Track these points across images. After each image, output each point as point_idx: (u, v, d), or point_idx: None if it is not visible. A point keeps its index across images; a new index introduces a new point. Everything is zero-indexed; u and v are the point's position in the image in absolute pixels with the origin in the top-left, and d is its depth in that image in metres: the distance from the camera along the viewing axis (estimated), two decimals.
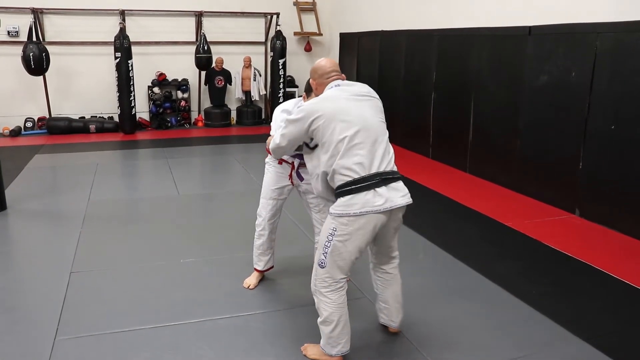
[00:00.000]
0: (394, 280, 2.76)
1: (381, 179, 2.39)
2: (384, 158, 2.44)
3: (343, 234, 2.39)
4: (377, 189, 2.37)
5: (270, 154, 2.94)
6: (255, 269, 3.48)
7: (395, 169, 2.48)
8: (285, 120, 2.63)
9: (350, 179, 2.37)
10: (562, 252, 4.05)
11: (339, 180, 2.40)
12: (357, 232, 2.38)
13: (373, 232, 2.43)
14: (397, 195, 2.43)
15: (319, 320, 2.55)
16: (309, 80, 2.97)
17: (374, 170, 2.38)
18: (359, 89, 2.60)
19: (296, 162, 3.17)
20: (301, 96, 3.13)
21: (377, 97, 2.64)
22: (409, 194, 2.49)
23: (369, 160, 2.39)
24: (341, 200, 2.38)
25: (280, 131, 2.64)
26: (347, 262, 2.45)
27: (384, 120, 2.57)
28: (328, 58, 2.76)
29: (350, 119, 2.42)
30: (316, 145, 2.53)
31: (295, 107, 3.09)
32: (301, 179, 3.29)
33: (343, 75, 2.68)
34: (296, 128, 2.51)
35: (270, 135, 3.01)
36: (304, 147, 2.69)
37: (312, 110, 2.46)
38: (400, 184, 2.47)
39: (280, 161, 3.17)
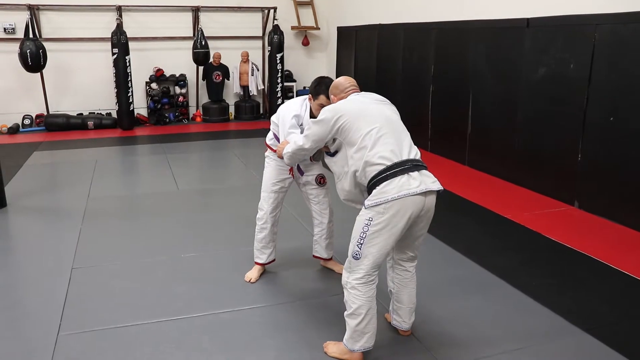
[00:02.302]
0: (412, 280, 2.74)
1: (413, 165, 2.44)
2: (412, 149, 2.51)
3: (379, 222, 2.38)
4: (410, 173, 2.41)
5: (282, 158, 2.95)
6: (257, 263, 3.49)
7: (417, 156, 2.52)
8: (308, 122, 2.71)
9: (383, 166, 2.40)
10: (562, 243, 4.07)
11: (372, 171, 2.42)
12: (394, 220, 2.38)
13: (408, 220, 2.41)
14: (429, 180, 2.47)
15: (346, 313, 2.54)
16: (313, 83, 3.03)
17: (405, 157, 2.44)
18: (377, 96, 2.73)
19: None
20: (307, 96, 3.13)
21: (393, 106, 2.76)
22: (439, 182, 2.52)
23: (399, 148, 2.46)
24: (376, 190, 2.40)
25: (304, 134, 2.71)
26: (383, 253, 2.44)
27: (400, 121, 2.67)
28: (345, 76, 2.85)
29: (373, 115, 2.53)
30: (336, 152, 2.62)
31: (302, 108, 3.09)
32: (302, 173, 3.30)
33: (359, 91, 2.79)
34: (321, 128, 2.58)
35: (284, 141, 3.03)
36: (325, 155, 2.76)
37: (336, 110, 2.56)
38: (429, 173, 2.52)
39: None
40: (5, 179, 5.26)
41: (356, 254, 2.45)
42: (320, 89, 2.96)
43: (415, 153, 2.51)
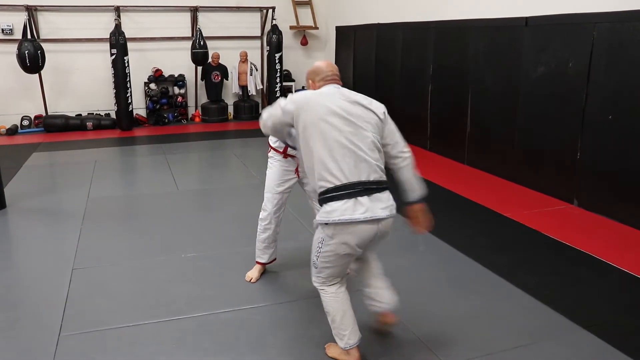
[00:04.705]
0: (370, 259, 2.66)
1: (364, 188, 2.30)
2: (367, 170, 2.32)
3: (329, 245, 2.38)
4: (359, 198, 2.29)
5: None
6: (258, 262, 3.49)
7: (370, 178, 2.31)
8: (276, 103, 2.49)
9: (332, 185, 2.30)
10: (561, 242, 4.08)
11: (321, 187, 2.34)
12: (339, 247, 2.36)
13: (350, 246, 2.35)
14: (380, 205, 2.32)
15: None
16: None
17: (352, 180, 2.29)
18: (357, 97, 2.44)
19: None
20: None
21: (376, 110, 2.43)
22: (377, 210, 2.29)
23: (348, 168, 2.30)
24: (323, 208, 2.35)
25: (269, 110, 2.52)
26: (338, 270, 2.46)
27: (375, 132, 2.38)
28: (326, 60, 2.66)
29: (334, 125, 2.31)
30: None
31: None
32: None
33: (340, 81, 2.57)
34: (282, 116, 2.43)
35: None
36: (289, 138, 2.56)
37: (300, 106, 2.37)
38: (381, 196, 2.33)
39: (286, 155, 3.18)
40: (4, 180, 5.26)
41: (314, 264, 2.49)
42: None
43: (368, 174, 2.31)
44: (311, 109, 2.34)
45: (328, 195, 2.29)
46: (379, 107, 2.47)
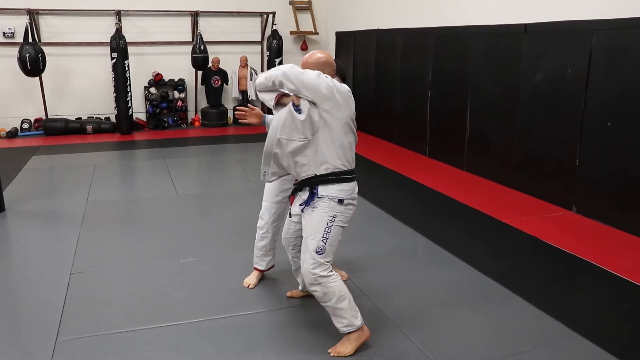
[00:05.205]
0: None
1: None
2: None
3: (341, 220, 2.66)
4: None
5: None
6: (256, 269, 3.49)
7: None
8: (319, 74, 2.54)
9: (339, 169, 2.65)
10: (560, 248, 4.08)
11: (333, 167, 2.64)
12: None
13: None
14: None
15: (333, 303, 2.62)
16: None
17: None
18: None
19: None
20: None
21: None
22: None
23: (353, 159, 2.76)
24: (337, 185, 2.63)
25: (301, 70, 2.57)
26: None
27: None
28: (323, 52, 2.80)
29: (354, 122, 2.70)
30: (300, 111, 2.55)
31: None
32: None
33: None
34: (324, 90, 2.51)
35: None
36: (289, 106, 2.59)
37: (340, 101, 2.57)
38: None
39: None
40: (3, 184, 5.26)
41: (321, 250, 2.60)
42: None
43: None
44: (349, 106, 2.63)
45: (346, 177, 2.65)
46: None
